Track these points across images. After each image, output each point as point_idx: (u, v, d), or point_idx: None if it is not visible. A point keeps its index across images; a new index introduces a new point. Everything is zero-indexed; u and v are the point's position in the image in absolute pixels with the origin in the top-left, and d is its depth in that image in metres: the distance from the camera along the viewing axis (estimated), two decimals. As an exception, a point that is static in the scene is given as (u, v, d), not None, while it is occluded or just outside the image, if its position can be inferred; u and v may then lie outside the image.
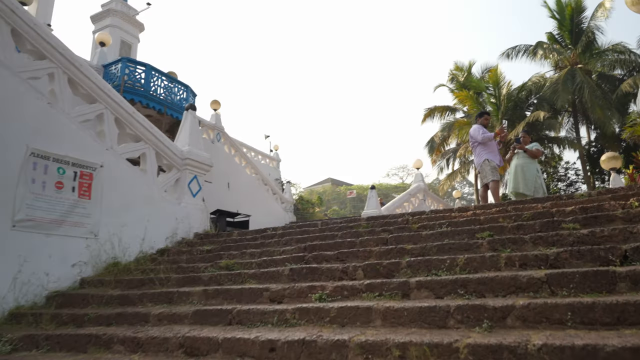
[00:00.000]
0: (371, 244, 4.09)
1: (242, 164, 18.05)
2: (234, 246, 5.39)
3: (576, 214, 3.57)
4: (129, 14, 15.04)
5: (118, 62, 12.44)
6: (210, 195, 14.48)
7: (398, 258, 3.44)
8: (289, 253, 4.44)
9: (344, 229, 5.09)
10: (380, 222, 4.94)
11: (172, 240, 6.37)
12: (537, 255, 2.78)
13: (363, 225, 4.95)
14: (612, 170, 10.48)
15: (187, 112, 7.33)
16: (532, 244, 3.12)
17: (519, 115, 22.46)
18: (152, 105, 12.60)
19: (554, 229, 3.35)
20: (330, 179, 62.49)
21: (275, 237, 5.45)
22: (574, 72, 20.11)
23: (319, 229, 5.35)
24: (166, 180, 6.69)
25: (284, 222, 19.70)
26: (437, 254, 3.37)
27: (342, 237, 4.64)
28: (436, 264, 3.06)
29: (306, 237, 4.95)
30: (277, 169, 25.92)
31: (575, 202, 4.03)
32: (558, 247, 2.95)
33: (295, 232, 5.42)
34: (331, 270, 3.47)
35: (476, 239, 3.55)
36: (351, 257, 3.79)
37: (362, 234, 4.56)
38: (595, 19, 20.90)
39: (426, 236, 3.89)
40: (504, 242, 3.23)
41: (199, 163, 7.08)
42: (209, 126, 16.56)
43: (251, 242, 5.48)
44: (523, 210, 4.11)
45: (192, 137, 7.16)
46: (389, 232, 4.40)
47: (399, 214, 5.16)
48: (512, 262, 2.83)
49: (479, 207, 4.70)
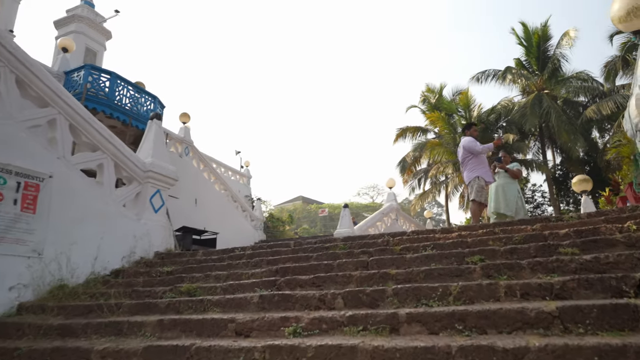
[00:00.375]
0: (350, 267, 3.71)
1: (211, 179, 17.43)
2: (197, 268, 4.88)
3: (572, 238, 3.32)
4: (95, 21, 14.41)
5: (81, 69, 11.78)
6: (176, 211, 13.83)
7: (382, 284, 3.07)
8: (259, 277, 4.00)
9: (319, 250, 4.69)
10: (359, 243, 4.57)
11: (129, 260, 5.78)
12: (541, 284, 2.46)
13: (340, 247, 4.57)
14: (583, 192, 10.55)
15: (152, 122, 6.83)
16: (531, 270, 2.81)
17: (488, 138, 22.85)
18: (117, 116, 11.95)
19: (551, 254, 3.06)
20: (301, 197, 62.05)
21: (244, 258, 4.99)
22: (541, 97, 20.68)
23: (292, 250, 4.92)
24: (125, 194, 6.14)
25: (254, 240, 19.08)
26: (426, 281, 3.02)
27: (317, 259, 4.24)
28: (426, 293, 2.70)
29: (278, 259, 4.51)
30: (248, 186, 25.33)
31: (567, 224, 3.79)
32: (561, 274, 2.66)
33: (266, 253, 4.97)
34: (307, 297, 3.06)
35: (467, 263, 3.23)
36: (329, 283, 3.39)
37: (339, 256, 4.17)
38: (561, 47, 21.68)
39: (411, 260, 3.54)
40: (498, 267, 2.92)
41: (163, 176, 6.56)
42: (177, 139, 15.94)
43: (217, 263, 5.00)
44: (512, 233, 3.84)
45: (156, 149, 6.65)
46: (369, 255, 4.03)
47: (378, 235, 4.81)
48: (512, 292, 2.51)
49: (464, 228, 4.42)
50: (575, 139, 19.66)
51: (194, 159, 16.70)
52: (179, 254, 5.97)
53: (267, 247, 5.39)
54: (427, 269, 3.15)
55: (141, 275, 5.06)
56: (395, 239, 4.38)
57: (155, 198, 6.47)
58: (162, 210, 6.54)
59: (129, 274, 5.23)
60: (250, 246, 5.48)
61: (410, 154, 25.54)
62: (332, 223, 53.18)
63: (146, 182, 6.38)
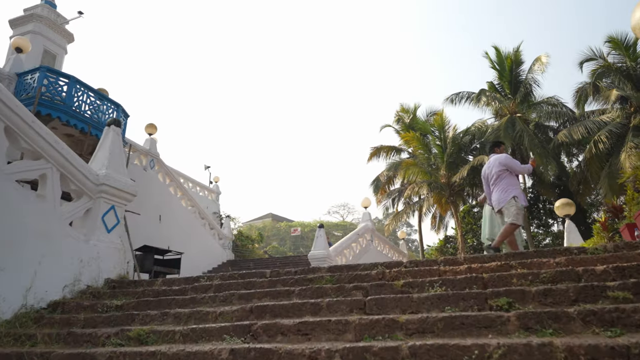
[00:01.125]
0: (344, 309, 3.01)
1: (177, 194, 16.41)
2: (154, 302, 4.05)
3: (613, 276, 2.75)
4: (56, 22, 13.39)
5: (35, 71, 10.74)
6: (137, 228, 12.74)
7: (390, 338, 2.39)
8: (229, 318, 3.23)
9: (302, 282, 3.96)
10: (349, 275, 3.86)
11: (72, 289, 4.87)
12: (613, 347, 1.85)
13: (326, 279, 3.85)
14: (566, 217, 10.27)
15: (109, 129, 5.98)
16: (583, 322, 2.20)
17: (462, 159, 22.84)
18: (74, 123, 10.93)
19: (597, 298, 2.48)
20: (270, 214, 61.01)
21: (211, 291, 4.20)
22: (514, 120, 20.83)
23: (269, 281, 4.17)
24: (73, 210, 5.25)
25: (222, 259, 18.06)
26: (449, 334, 2.35)
27: (301, 296, 3.51)
28: (456, 355, 2.04)
29: (252, 293, 3.75)
30: (217, 202, 24.28)
31: (597, 258, 3.23)
32: (625, 329, 2.05)
33: (238, 285, 4.19)
34: (293, 355, 2.33)
35: (494, 309, 2.60)
36: (319, 331, 2.68)
37: (327, 292, 3.46)
38: (533, 72, 22.02)
39: (419, 301, 2.87)
40: (539, 317, 2.30)
41: (119, 190, 5.70)
42: (142, 151, 14.95)
43: (178, 296, 4.18)
44: (535, 267, 3.25)
45: (112, 159, 5.80)
46: (364, 291, 3.35)
47: (370, 265, 4.14)
48: (575, 356, 1.87)
49: (471, 260, 3.80)
50: (547, 162, 19.78)
51: (159, 173, 15.70)
52: (134, 283, 5.10)
53: (238, 276, 4.61)
54: (446, 316, 2.49)
55: (84, 310, 4.18)
56: (392, 271, 3.71)
57: (109, 216, 5.60)
58: (116, 230, 5.66)
59: (69, 307, 4.34)
60: (219, 275, 4.68)
61: (384, 174, 25.24)
62: (303, 242, 52.31)
63: (99, 197, 5.51)
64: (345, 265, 4.23)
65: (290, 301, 3.35)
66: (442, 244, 24.92)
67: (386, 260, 15.82)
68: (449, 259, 3.88)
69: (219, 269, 16.84)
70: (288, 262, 16.33)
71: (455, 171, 21.13)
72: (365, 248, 15.87)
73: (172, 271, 12.42)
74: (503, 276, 3.07)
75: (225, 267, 17.04)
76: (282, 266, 15.61)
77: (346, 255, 13.93)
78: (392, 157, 26.08)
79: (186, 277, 4.86)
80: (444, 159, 21.27)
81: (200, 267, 16.37)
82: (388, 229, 23.47)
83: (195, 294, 4.13)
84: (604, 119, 18.77)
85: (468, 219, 24.07)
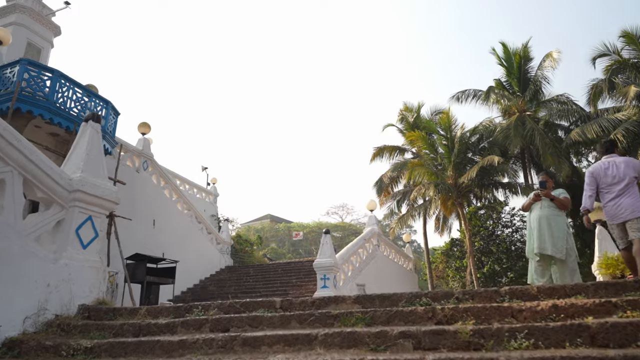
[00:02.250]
0: (396, 375, 2.11)
1: (172, 197, 15.48)
2: (132, 344, 3.14)
3: None
4: (41, 13, 12.46)
5: (15, 64, 9.79)
6: (129, 235, 11.78)
7: None
8: (231, 380, 2.34)
9: (324, 319, 3.04)
10: (386, 310, 2.96)
11: (36, 320, 3.96)
12: None
13: (357, 316, 2.95)
14: (597, 222, 9.40)
15: (86, 125, 5.06)
16: None
17: (469, 160, 22.00)
18: (58, 121, 9.99)
19: None
20: (269, 215, 60.14)
21: (206, 328, 3.29)
22: (524, 119, 20.01)
23: (280, 317, 3.25)
24: (39, 223, 4.33)
25: (220, 266, 17.13)
26: None
27: (327, 345, 2.60)
28: None
29: (260, 337, 2.84)
30: (214, 204, 23.34)
31: None
32: None
33: (241, 320, 3.28)
34: None
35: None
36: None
37: (363, 340, 2.56)
38: (543, 68, 21.20)
39: (507, 366, 1.98)
40: None
41: (97, 198, 4.78)
42: (134, 152, 14.02)
43: (164, 335, 3.28)
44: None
45: (89, 161, 4.88)
46: (415, 341, 2.45)
47: (410, 295, 3.23)
48: None
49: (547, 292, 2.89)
50: (560, 162, 18.95)
51: (153, 175, 14.76)
52: (113, 311, 4.17)
53: (240, 306, 3.67)
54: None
55: (43, 354, 3.27)
56: (446, 308, 2.80)
57: (85, 228, 4.68)
58: (93, 245, 4.74)
59: (27, 348, 3.43)
60: (217, 303, 3.77)
61: (388, 174, 24.34)
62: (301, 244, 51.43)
63: (72, 205, 4.59)
64: (378, 296, 3.32)
65: (314, 353, 2.44)
66: (448, 247, 24.02)
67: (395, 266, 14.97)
68: (515, 289, 2.98)
69: (217, 276, 15.95)
70: (290, 268, 15.44)
71: (462, 172, 20.27)
72: (372, 254, 14.99)
73: (166, 281, 11.52)
74: (620, 325, 2.17)
75: (223, 274, 16.16)
76: (285, 274, 14.72)
77: (353, 262, 13.05)
78: (395, 158, 25.23)
79: (177, 305, 3.94)
80: (451, 159, 20.40)
81: (197, 275, 15.47)
82: (393, 232, 22.57)
83: (187, 334, 3.22)
84: (619, 117, 17.95)
85: (475, 220, 23.19)
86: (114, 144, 11.87)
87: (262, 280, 14.37)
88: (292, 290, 12.42)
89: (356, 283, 12.22)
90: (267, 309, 3.55)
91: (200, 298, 13.55)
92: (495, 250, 22.36)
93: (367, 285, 12.57)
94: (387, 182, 24.31)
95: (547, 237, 5.08)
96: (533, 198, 5.52)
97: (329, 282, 10.56)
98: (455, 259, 23.37)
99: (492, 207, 23.37)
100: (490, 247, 22.52)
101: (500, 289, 3.04)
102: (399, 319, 2.84)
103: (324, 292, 10.41)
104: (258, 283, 14.04)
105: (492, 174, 20.30)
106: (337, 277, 10.93)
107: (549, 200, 5.36)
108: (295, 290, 12.36)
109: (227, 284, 14.60)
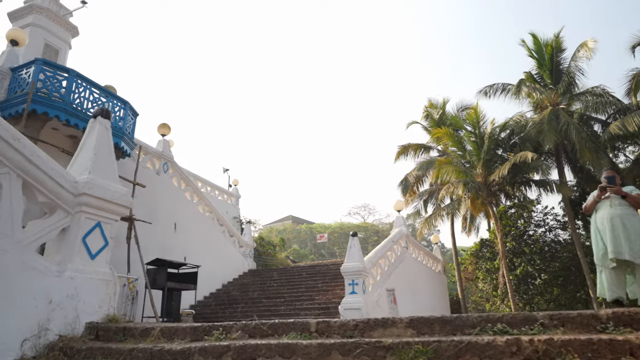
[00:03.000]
0: None
1: (194, 200, 15.09)
2: (140, 379, 2.61)
3: None
4: (58, 13, 12.22)
5: (31, 65, 9.51)
6: (149, 239, 11.39)
7: None
8: None
9: (373, 352, 2.44)
10: (453, 342, 2.32)
11: (37, 342, 3.47)
12: None
13: (417, 349, 2.32)
14: None
15: (95, 121, 4.57)
16: None
17: (499, 157, 21.03)
18: (75, 123, 9.65)
19: None
20: (291, 217, 59.81)
21: (228, 357, 2.73)
22: (558, 113, 18.92)
23: (318, 347, 2.64)
24: (40, 231, 3.85)
25: (242, 269, 16.69)
26: None
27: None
28: None
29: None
30: (236, 206, 22.95)
31: None
32: None
33: (269, 348, 2.72)
34: None
35: None
36: None
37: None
38: (577, 59, 20.04)
39: None
40: None
41: (107, 202, 4.28)
42: (154, 154, 13.67)
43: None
44: None
45: (98, 160, 4.39)
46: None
47: (480, 318, 2.58)
48: None
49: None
50: (598, 157, 17.81)
51: (173, 177, 14.40)
52: (124, 331, 3.65)
53: (268, 328, 3.11)
54: None
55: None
56: (538, 342, 2.14)
57: (93, 236, 4.19)
58: (103, 254, 4.24)
59: (22, 379, 2.93)
60: (241, 326, 3.20)
61: (413, 173, 23.51)
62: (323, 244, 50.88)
63: (78, 211, 4.11)
64: (437, 318, 2.69)
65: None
66: (478, 247, 23.05)
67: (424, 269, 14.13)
68: (620, 313, 2.31)
69: (240, 280, 15.50)
70: (315, 272, 14.86)
71: (491, 169, 19.33)
72: (401, 256, 14.27)
73: (187, 287, 11.09)
74: None
75: (246, 278, 15.70)
76: (310, 278, 14.15)
77: (381, 265, 12.37)
78: (420, 156, 24.40)
79: (194, 326, 3.39)
80: (480, 157, 19.47)
81: (219, 279, 15.06)
82: (421, 232, 21.75)
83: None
84: (664, 108, 16.74)
85: (506, 220, 22.16)
86: (133, 145, 11.51)
87: (287, 284, 13.83)
88: (318, 295, 11.83)
89: (385, 288, 11.54)
90: (300, 332, 2.96)
91: (224, 303, 13.11)
92: (528, 250, 21.32)
93: (397, 290, 11.88)
94: (412, 181, 23.49)
95: (623, 239, 4.32)
96: (598, 195, 4.76)
97: (357, 287, 9.94)
98: (486, 260, 22.41)
99: (523, 206, 22.33)
100: (522, 247, 21.50)
101: (600, 312, 2.37)
102: (472, 354, 2.21)
103: (352, 299, 9.81)
104: (282, 287, 13.50)
105: (525, 171, 19.31)
106: (365, 282, 10.29)
107: (619, 198, 4.57)
108: (321, 295, 11.77)
109: (251, 288, 14.12)
